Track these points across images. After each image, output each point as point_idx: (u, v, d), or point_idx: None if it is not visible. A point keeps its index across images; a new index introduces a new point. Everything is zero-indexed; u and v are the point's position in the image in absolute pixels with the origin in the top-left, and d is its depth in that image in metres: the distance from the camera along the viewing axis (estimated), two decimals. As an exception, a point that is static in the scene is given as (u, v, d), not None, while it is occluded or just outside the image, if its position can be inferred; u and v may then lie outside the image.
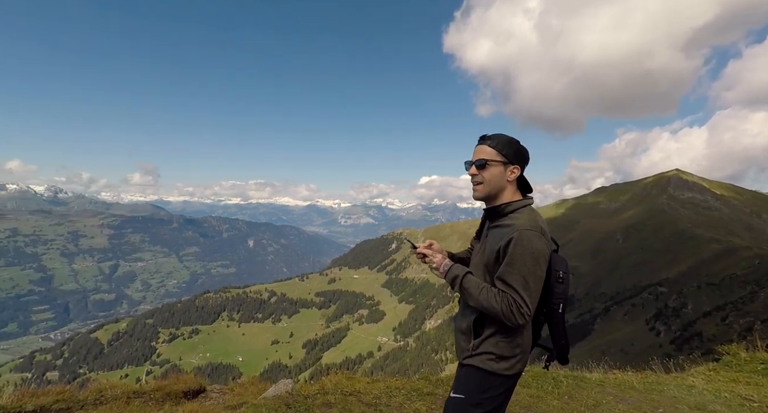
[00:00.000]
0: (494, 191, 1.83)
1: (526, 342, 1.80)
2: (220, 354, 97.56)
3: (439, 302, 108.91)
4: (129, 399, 2.86)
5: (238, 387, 3.59)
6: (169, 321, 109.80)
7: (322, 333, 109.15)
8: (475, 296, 1.70)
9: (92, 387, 2.96)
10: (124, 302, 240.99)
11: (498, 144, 1.79)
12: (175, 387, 3.21)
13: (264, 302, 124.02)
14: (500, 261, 1.70)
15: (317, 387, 3.62)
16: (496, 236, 1.77)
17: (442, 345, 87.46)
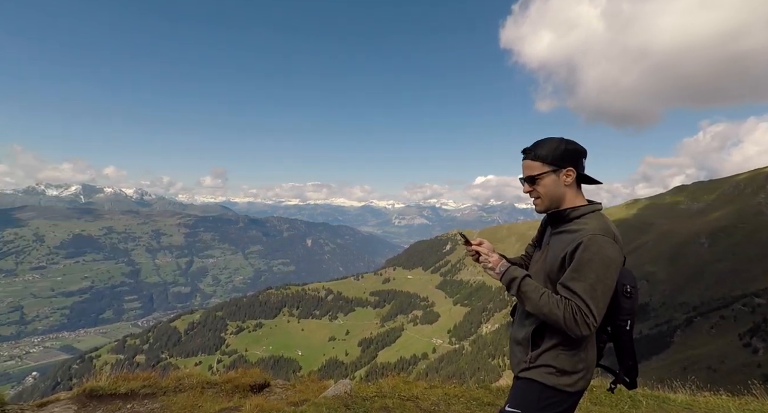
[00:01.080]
0: (555, 202, 1.72)
1: (590, 357, 1.66)
2: (281, 348, 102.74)
3: (496, 305, 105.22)
4: (203, 389, 3.11)
5: (299, 384, 3.74)
6: (236, 314, 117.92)
7: (377, 332, 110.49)
8: (535, 300, 1.58)
9: (172, 375, 3.26)
10: (198, 295, 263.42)
11: (541, 154, 1.68)
12: (243, 380, 3.42)
13: (321, 300, 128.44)
14: (565, 268, 1.59)
15: (375, 389, 3.64)
16: (561, 242, 1.66)
17: (499, 351, 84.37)
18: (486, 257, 1.80)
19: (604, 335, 1.73)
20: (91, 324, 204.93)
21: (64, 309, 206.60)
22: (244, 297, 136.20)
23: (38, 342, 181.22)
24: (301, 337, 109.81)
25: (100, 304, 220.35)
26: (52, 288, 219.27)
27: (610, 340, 1.72)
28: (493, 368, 77.64)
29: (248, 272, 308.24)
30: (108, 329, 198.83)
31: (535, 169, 1.69)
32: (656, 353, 57.64)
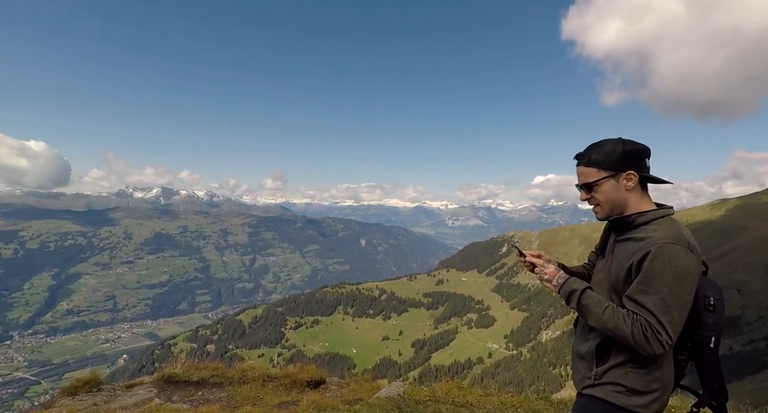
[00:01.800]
0: (616, 208, 1.57)
1: (666, 377, 1.48)
2: (337, 345, 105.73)
3: (557, 311, 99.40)
4: (264, 382, 3.31)
5: (353, 383, 3.83)
6: (294, 310, 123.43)
7: (431, 333, 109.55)
8: (597, 315, 1.44)
9: (237, 366, 3.51)
10: (260, 291, 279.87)
11: (595, 159, 1.55)
12: (301, 376, 3.58)
13: (375, 300, 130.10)
14: (632, 279, 1.44)
15: (428, 393, 3.60)
16: (626, 250, 1.50)
17: (561, 360, 79.59)
18: (542, 268, 1.69)
19: (685, 352, 1.55)
20: (170, 315, 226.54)
21: (147, 300, 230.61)
22: (302, 294, 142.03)
23: (127, 328, 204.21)
24: (355, 335, 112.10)
25: (176, 296, 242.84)
26: (138, 281, 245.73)
27: (691, 358, 1.54)
28: (554, 378, 73.39)
29: (306, 271, 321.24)
30: (183, 319, 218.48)
31: (591, 175, 1.57)
32: (751, 373, 50.81)
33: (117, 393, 2.82)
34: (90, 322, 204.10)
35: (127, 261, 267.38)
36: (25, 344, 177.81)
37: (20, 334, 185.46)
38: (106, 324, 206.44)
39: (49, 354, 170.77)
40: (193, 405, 2.84)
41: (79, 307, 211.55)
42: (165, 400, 2.90)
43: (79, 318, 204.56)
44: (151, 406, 2.74)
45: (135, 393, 2.90)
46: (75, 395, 2.96)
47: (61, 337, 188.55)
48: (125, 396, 2.81)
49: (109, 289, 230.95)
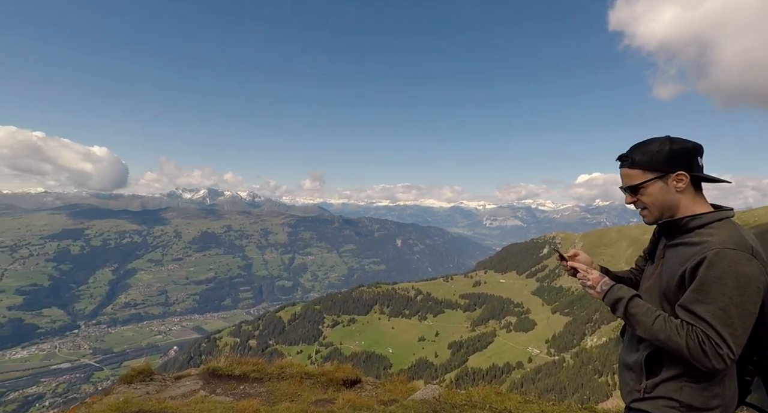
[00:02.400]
0: (666, 211, 1.45)
1: (728, 393, 1.34)
2: (373, 344, 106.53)
3: (603, 317, 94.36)
4: (302, 379, 3.40)
5: (389, 383, 3.84)
6: (331, 308, 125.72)
7: (468, 335, 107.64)
8: (647, 325, 1.33)
9: (276, 363, 3.63)
10: (299, 289, 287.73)
11: (641, 160, 1.43)
12: (337, 374, 3.63)
13: (411, 300, 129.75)
14: (685, 287, 1.32)
15: (464, 397, 3.53)
16: (679, 256, 1.38)
17: (608, 368, 75.50)
18: (584, 273, 1.57)
19: (750, 367, 1.41)
20: (215, 310, 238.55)
21: (195, 295, 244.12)
22: (339, 293, 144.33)
23: (177, 322, 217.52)
24: (391, 335, 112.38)
25: (221, 293, 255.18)
26: (187, 277, 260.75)
27: (758, 374, 1.41)
28: (600, 387, 69.74)
29: (342, 270, 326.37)
30: (227, 315, 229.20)
31: (636, 178, 1.45)
32: (829, 391, 45.62)
33: (167, 384, 3.03)
34: (145, 315, 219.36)
35: (177, 258, 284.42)
36: (90, 333, 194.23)
37: (86, 324, 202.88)
38: (159, 317, 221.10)
39: (110, 343, 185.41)
40: (235, 398, 2.92)
41: (135, 301, 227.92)
42: (209, 392, 3.05)
43: (136, 311, 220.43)
44: (196, 398, 2.87)
45: (183, 385, 3.02)
46: (130, 383, 3.16)
47: (120, 328, 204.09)
48: (174, 387, 3.01)
49: (161, 284, 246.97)
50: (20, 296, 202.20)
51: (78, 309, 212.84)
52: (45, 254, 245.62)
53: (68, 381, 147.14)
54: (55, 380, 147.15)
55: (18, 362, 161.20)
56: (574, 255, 1.67)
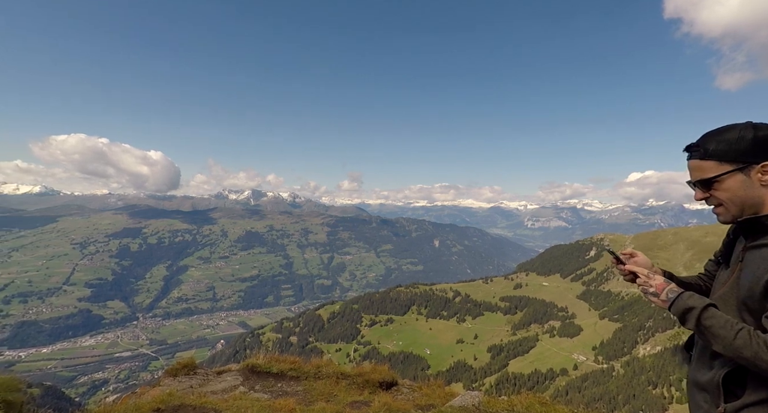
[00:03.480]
0: (748, 208, 1.24)
1: None
2: (410, 344, 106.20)
3: (657, 324, 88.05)
4: (338, 379, 3.39)
5: (426, 387, 3.74)
6: (369, 308, 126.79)
7: (508, 339, 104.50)
8: (727, 339, 1.17)
9: (313, 362, 3.66)
10: (338, 288, 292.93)
11: (714, 150, 1.23)
12: (373, 376, 3.59)
13: (449, 301, 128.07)
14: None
15: (506, 406, 3.36)
16: (764, 259, 1.21)
17: (663, 379, 70.35)
18: (645, 279, 1.36)
19: None
20: (258, 306, 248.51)
21: (240, 292, 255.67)
22: (377, 293, 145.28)
23: (224, 317, 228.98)
24: (429, 336, 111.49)
25: (264, 290, 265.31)
26: (233, 274, 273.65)
27: None
28: (655, 399, 65.05)
29: (380, 270, 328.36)
30: (270, 311, 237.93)
31: (709, 170, 1.25)
32: None
33: (209, 378, 3.14)
34: (195, 309, 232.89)
35: (224, 256, 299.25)
36: (147, 325, 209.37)
37: (143, 316, 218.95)
38: (207, 311, 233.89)
39: (164, 335, 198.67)
40: (273, 396, 2.96)
41: (187, 296, 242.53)
42: (248, 389, 3.11)
43: (187, 305, 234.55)
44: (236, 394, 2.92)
45: (224, 380, 3.11)
46: (176, 376, 3.29)
47: (173, 321, 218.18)
48: (215, 382, 3.12)
49: (209, 281, 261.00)
50: (88, 289, 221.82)
51: (137, 302, 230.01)
52: (109, 251, 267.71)
53: (129, 368, 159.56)
54: (117, 367, 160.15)
55: (87, 349, 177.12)
56: (631, 256, 1.48)
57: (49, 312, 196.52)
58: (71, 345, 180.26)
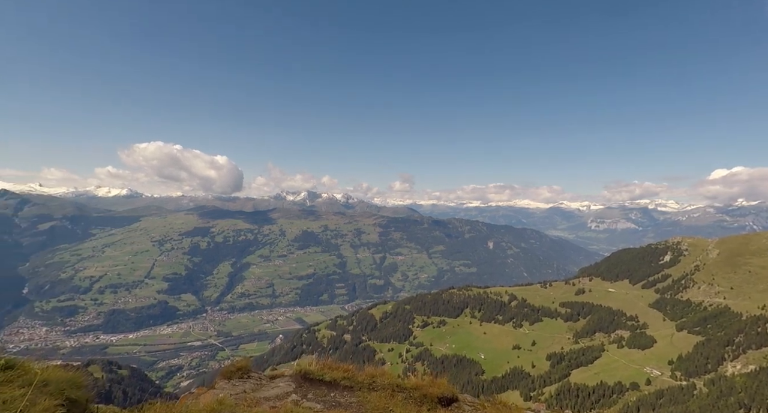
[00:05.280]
0: None
1: None
2: (464, 347, 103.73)
3: (749, 340, 77.71)
4: (393, 392, 3.16)
5: (490, 406, 3.39)
6: (421, 309, 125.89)
7: (570, 347, 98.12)
8: None
9: (367, 371, 3.46)
10: (390, 288, 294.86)
11: None
12: (431, 390, 3.33)
13: (504, 305, 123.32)
14: None
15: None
16: None
17: (759, 402, 61.80)
18: None
19: None
20: (314, 304, 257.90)
21: (297, 290, 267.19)
22: (429, 294, 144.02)
23: (282, 313, 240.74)
24: (483, 340, 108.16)
25: (319, 288, 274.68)
26: (290, 272, 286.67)
27: None
28: (748, 425, 57.32)
29: (432, 271, 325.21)
30: (324, 309, 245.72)
31: None
32: None
33: (262, 383, 3.09)
34: (256, 304, 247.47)
35: (282, 255, 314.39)
36: (214, 317, 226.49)
37: (212, 309, 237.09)
38: (267, 307, 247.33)
39: (230, 327, 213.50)
40: (326, 406, 2.83)
41: (249, 291, 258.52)
42: (301, 397, 3.04)
43: (249, 301, 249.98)
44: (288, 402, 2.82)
45: (276, 386, 3.05)
46: (230, 379, 3.28)
47: (237, 314, 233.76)
48: (268, 387, 3.06)
49: (269, 278, 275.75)
50: (166, 282, 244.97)
51: (206, 296, 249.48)
52: (182, 248, 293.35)
53: (199, 356, 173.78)
54: (190, 355, 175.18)
55: (164, 337, 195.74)
56: None
57: (134, 302, 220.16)
58: (151, 332, 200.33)
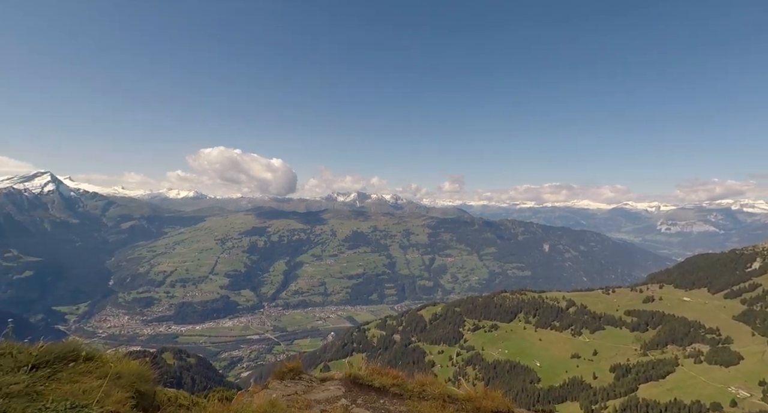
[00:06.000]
0: None
1: None
2: (517, 354, 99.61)
3: None
4: (445, 402, 3.03)
5: (548, 423, 3.17)
6: (472, 312, 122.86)
7: (637, 360, 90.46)
8: None
9: (417, 379, 3.37)
10: (439, 289, 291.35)
11: None
12: (485, 403, 3.15)
13: (561, 311, 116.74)
14: None
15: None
16: None
17: None
18: None
19: None
20: (364, 303, 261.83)
21: (347, 289, 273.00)
22: (480, 297, 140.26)
23: (333, 311, 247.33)
24: (538, 347, 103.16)
25: (369, 287, 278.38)
26: (341, 272, 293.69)
27: None
28: None
29: (483, 273, 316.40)
30: (374, 308, 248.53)
31: None
32: None
33: (313, 385, 3.13)
34: (309, 302, 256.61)
35: (333, 255, 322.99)
36: (271, 313, 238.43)
37: (268, 305, 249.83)
38: (319, 305, 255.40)
39: (284, 323, 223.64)
40: (375, 414, 2.76)
41: (302, 289, 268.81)
42: (350, 401, 3.04)
43: (302, 298, 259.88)
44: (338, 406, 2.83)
45: (326, 389, 3.07)
46: (282, 379, 3.36)
47: (292, 311, 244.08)
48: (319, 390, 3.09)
49: (321, 277, 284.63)
50: (227, 278, 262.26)
51: (263, 292, 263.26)
52: (242, 247, 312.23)
53: (257, 349, 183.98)
54: (249, 347, 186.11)
55: (226, 329, 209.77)
56: None
57: (200, 296, 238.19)
58: (215, 325, 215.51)
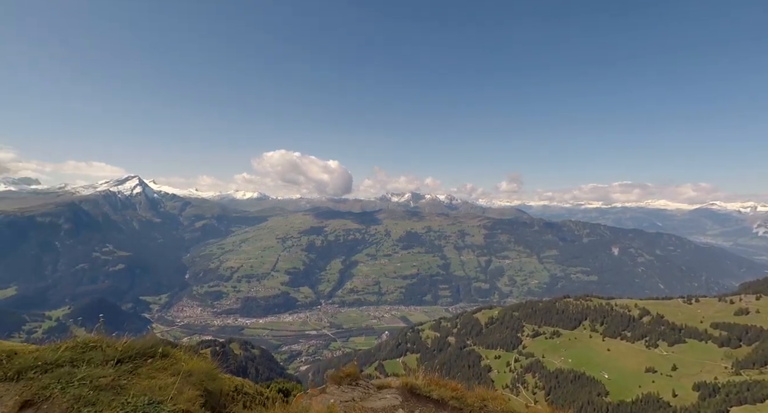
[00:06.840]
0: None
1: None
2: (582, 364, 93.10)
3: None
4: (506, 419, 2.85)
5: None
6: (531, 317, 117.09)
7: (727, 379, 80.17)
8: None
9: (478, 392, 3.20)
10: (496, 292, 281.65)
11: None
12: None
13: (633, 320, 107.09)
14: None
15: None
16: None
17: None
18: None
19: None
20: (418, 303, 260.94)
21: (401, 288, 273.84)
22: (540, 301, 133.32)
23: (387, 310, 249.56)
24: (606, 358, 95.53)
25: (423, 288, 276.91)
26: (395, 271, 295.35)
27: None
28: None
29: (543, 277, 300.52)
30: (428, 309, 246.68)
31: None
32: None
33: (369, 392, 3.09)
34: (363, 301, 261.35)
35: (387, 254, 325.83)
36: (327, 310, 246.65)
37: (325, 302, 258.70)
38: (374, 303, 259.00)
39: (340, 320, 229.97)
40: (433, 427, 2.65)
41: (357, 288, 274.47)
42: (407, 412, 2.91)
43: (357, 297, 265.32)
44: (395, 418, 2.71)
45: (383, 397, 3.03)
46: (339, 384, 3.38)
47: (347, 309, 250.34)
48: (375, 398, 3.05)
49: (375, 276, 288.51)
50: (287, 275, 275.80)
51: (320, 290, 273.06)
52: (301, 246, 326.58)
53: (315, 345, 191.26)
54: (307, 342, 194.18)
55: (286, 324, 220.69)
56: None
57: (263, 292, 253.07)
58: (276, 319, 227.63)
